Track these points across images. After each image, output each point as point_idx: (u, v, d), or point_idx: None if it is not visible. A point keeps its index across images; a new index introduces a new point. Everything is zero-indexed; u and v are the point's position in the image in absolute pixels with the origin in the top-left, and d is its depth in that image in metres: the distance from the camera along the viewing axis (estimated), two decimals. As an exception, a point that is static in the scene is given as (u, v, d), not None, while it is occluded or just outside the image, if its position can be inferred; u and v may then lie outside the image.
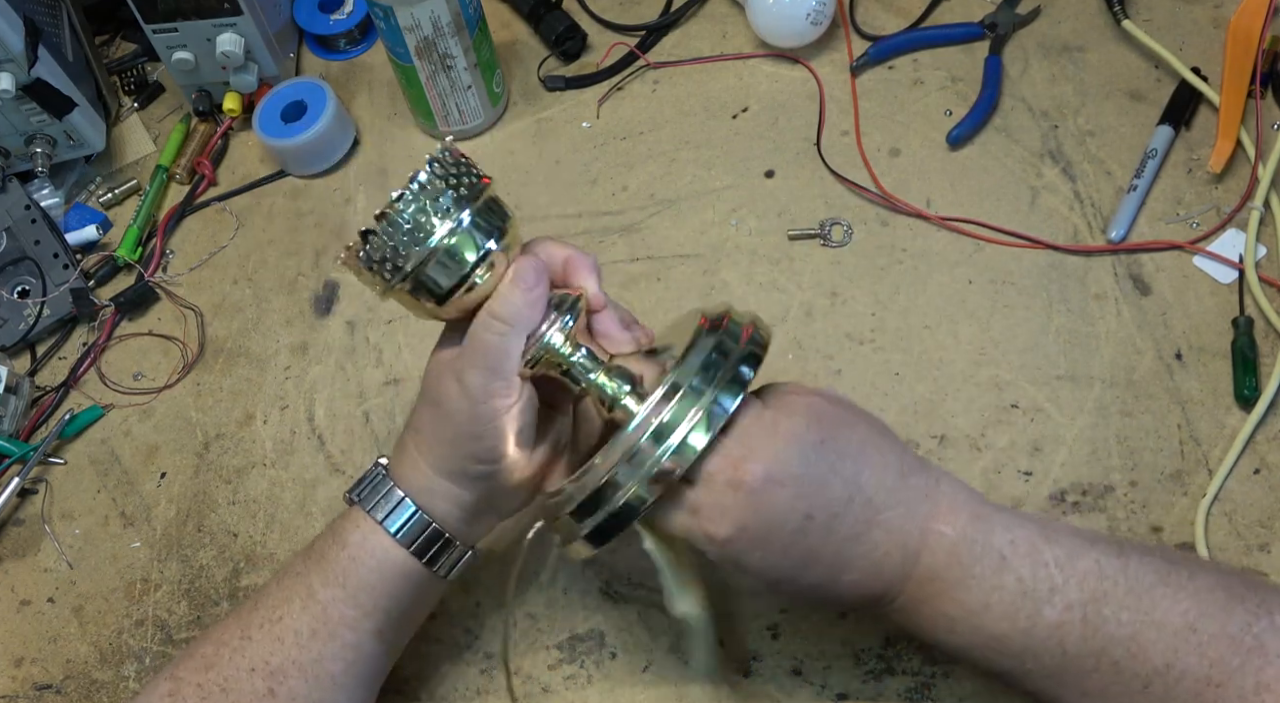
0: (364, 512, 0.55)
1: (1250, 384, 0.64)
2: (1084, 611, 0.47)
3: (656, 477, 0.47)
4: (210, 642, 0.55)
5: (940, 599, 0.48)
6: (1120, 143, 0.74)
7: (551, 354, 0.52)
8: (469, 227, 0.50)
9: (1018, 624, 0.47)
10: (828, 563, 0.48)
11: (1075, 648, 0.47)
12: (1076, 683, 0.47)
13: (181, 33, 0.82)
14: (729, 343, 0.50)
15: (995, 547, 0.48)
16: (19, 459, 0.74)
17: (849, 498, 0.47)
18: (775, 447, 0.47)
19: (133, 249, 0.82)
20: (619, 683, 0.62)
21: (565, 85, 0.84)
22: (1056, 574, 0.47)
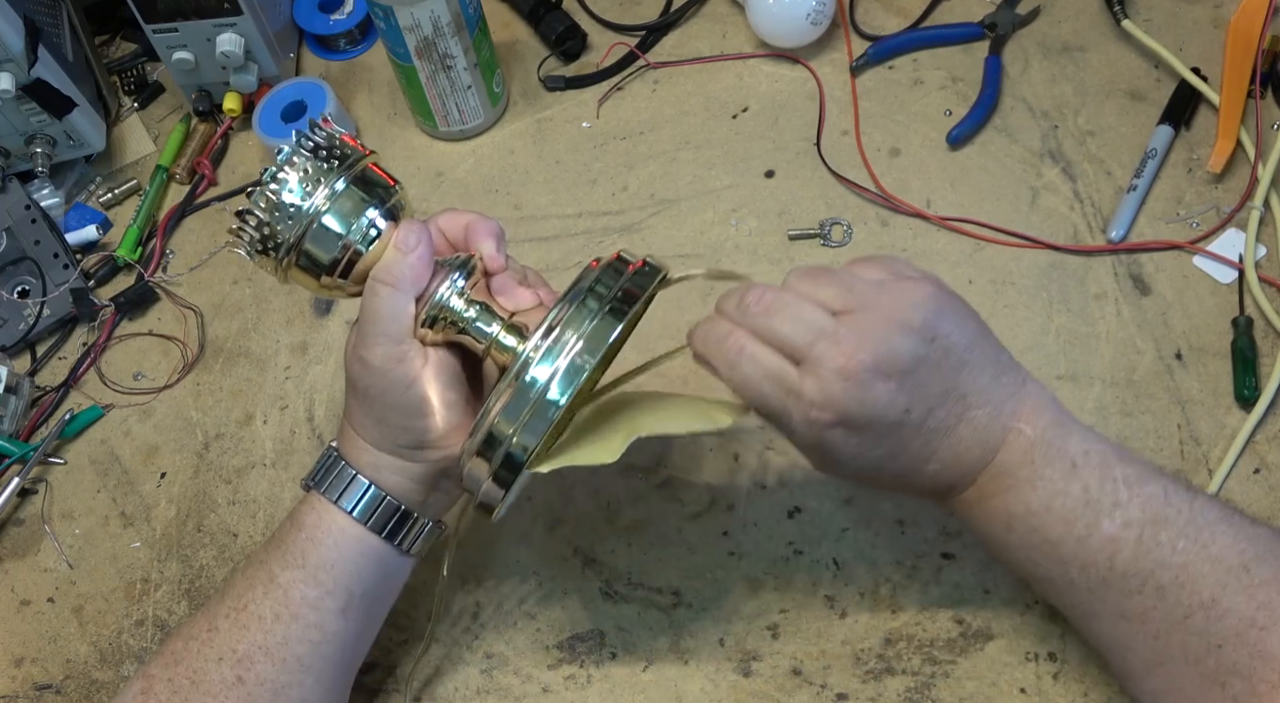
0: (319, 494, 0.55)
1: (1250, 384, 0.64)
2: (1141, 531, 0.47)
3: (543, 406, 0.47)
4: (180, 638, 0.56)
5: (1007, 494, 0.49)
6: (1120, 143, 0.74)
7: (446, 313, 0.52)
8: (343, 194, 0.50)
9: (1074, 531, 0.48)
10: (914, 454, 0.49)
11: (1124, 566, 0.47)
12: (1117, 603, 0.48)
13: (181, 33, 0.82)
14: (614, 273, 0.50)
15: (1069, 453, 0.49)
16: (19, 459, 0.74)
17: (945, 393, 0.48)
18: (887, 339, 0.47)
19: (133, 249, 0.82)
20: (619, 683, 0.62)
21: (565, 85, 0.84)
22: (1123, 491, 0.48)
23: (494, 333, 0.52)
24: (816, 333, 0.47)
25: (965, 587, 0.61)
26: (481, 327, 0.52)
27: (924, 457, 0.49)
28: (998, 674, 0.59)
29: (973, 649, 0.60)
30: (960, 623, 0.61)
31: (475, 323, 0.52)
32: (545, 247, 0.78)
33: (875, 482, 0.51)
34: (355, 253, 0.51)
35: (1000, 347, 0.51)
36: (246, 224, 0.50)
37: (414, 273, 0.51)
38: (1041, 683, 0.58)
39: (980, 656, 0.60)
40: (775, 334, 0.48)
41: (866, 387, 0.46)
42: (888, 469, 0.49)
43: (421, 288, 0.52)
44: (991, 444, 0.49)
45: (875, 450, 0.48)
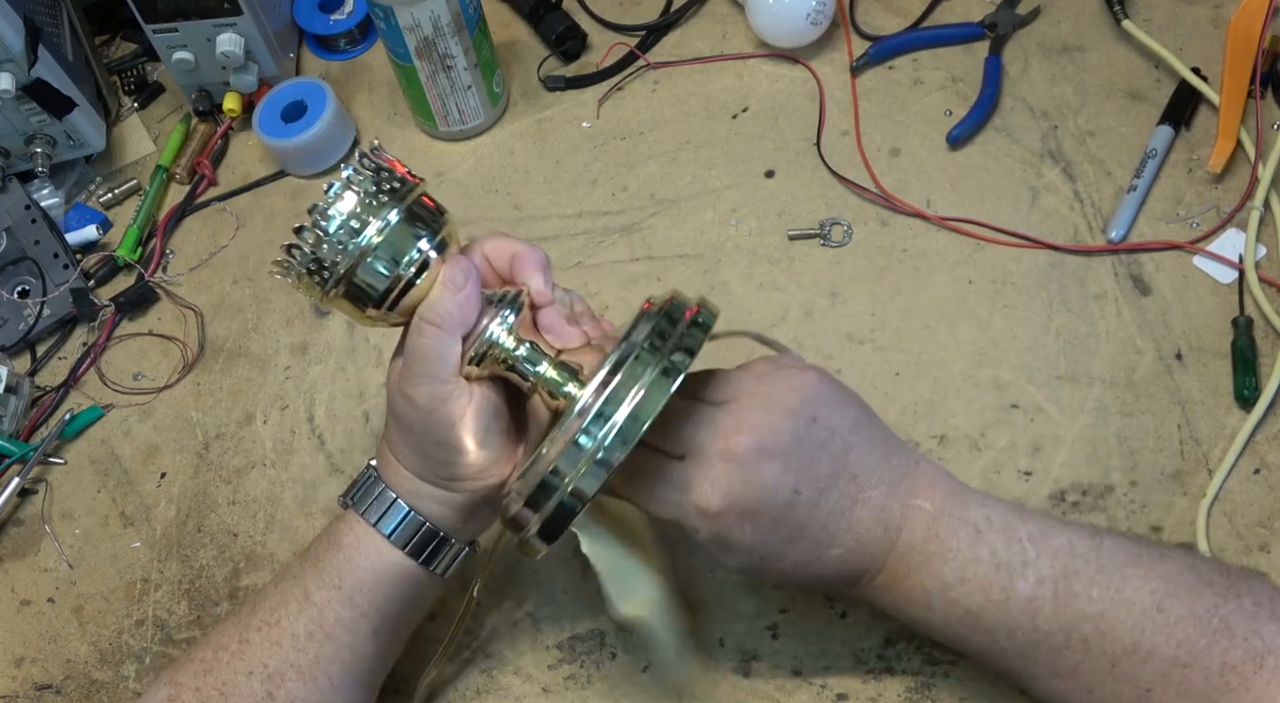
0: (357, 515, 0.55)
1: (1250, 384, 0.64)
2: (1055, 586, 0.48)
3: (600, 461, 0.46)
4: (209, 646, 0.55)
5: (919, 572, 0.49)
6: (1120, 143, 0.74)
7: (494, 350, 0.51)
8: (398, 225, 0.49)
9: (992, 597, 0.48)
10: (813, 539, 0.49)
11: (1047, 623, 0.48)
12: (1049, 662, 0.48)
13: (181, 33, 0.82)
14: (669, 321, 0.49)
15: (971, 521, 0.49)
16: (19, 459, 0.74)
17: (835, 474, 0.48)
18: (768, 420, 0.48)
19: (133, 249, 0.82)
20: (619, 683, 0.62)
21: (565, 85, 0.84)
22: (1029, 549, 0.49)
23: (543, 372, 0.52)
24: (696, 423, 0.48)
25: (965, 587, 0.61)
26: (530, 366, 0.52)
27: (824, 542, 0.49)
28: (998, 675, 0.59)
29: (973, 649, 0.60)
30: (960, 623, 0.61)
31: (525, 361, 0.52)
32: (545, 247, 0.76)
33: (780, 573, 0.50)
34: (406, 285, 0.50)
35: (887, 430, 0.51)
36: (295, 253, 0.49)
37: (462, 313, 0.50)
38: (1041, 683, 0.58)
39: (981, 656, 0.60)
40: (664, 433, 0.49)
41: (751, 467, 0.47)
42: (789, 557, 0.49)
43: (469, 327, 0.51)
44: (893, 524, 0.49)
45: (771, 537, 0.48)
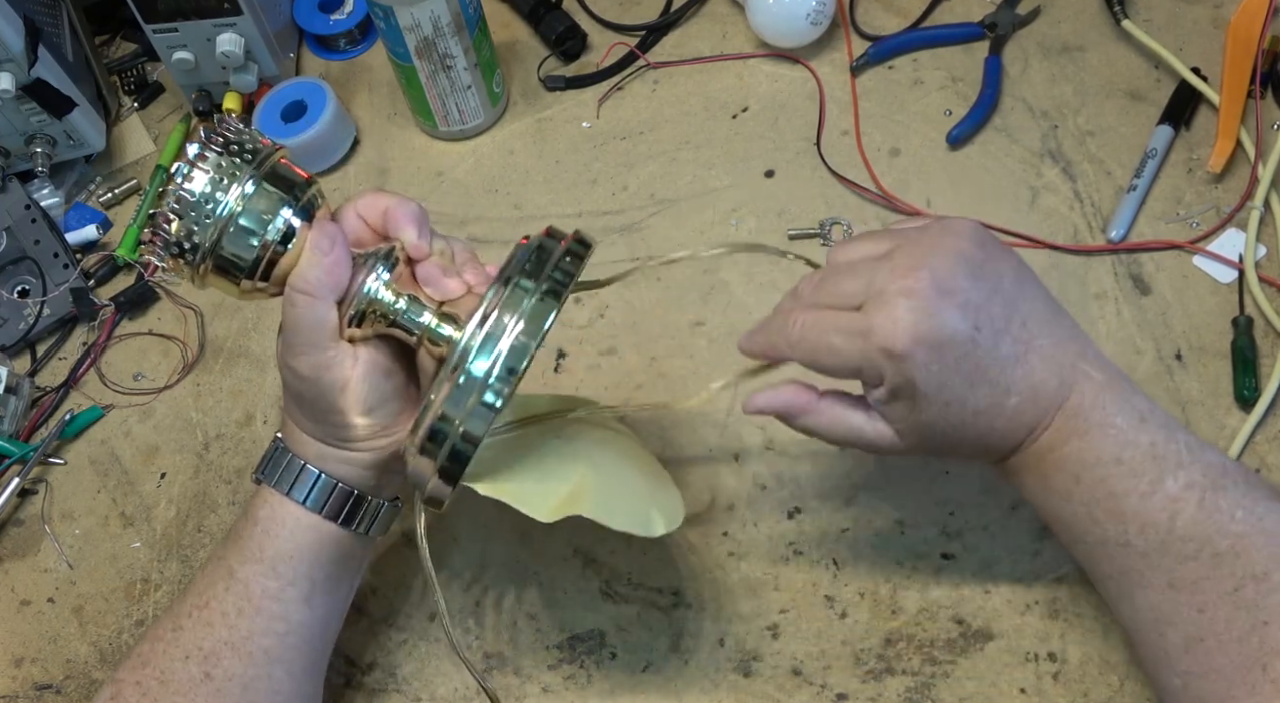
0: (269, 487, 0.55)
1: (1250, 384, 0.64)
2: (1203, 494, 0.47)
3: (485, 401, 0.46)
4: (146, 640, 0.56)
5: (1081, 439, 0.48)
6: (1120, 143, 0.74)
7: (373, 308, 0.51)
8: (256, 194, 0.49)
9: (1139, 485, 0.47)
10: (993, 381, 0.48)
11: (1184, 528, 0.47)
12: (1169, 569, 0.47)
13: (181, 33, 0.82)
14: (542, 254, 0.49)
15: (1136, 407, 0.49)
16: (19, 459, 0.74)
17: (1008, 317, 0.48)
18: (942, 261, 0.48)
19: (133, 249, 0.82)
20: (619, 683, 0.62)
21: (565, 85, 0.84)
22: (1185, 453, 0.48)
23: (426, 323, 0.51)
24: (871, 270, 0.48)
25: (965, 587, 0.61)
26: (412, 318, 0.51)
27: (1003, 386, 0.48)
28: (998, 674, 0.59)
29: (973, 649, 0.60)
30: (960, 623, 0.61)
31: (405, 315, 0.51)
32: (545, 247, 0.77)
33: (962, 426, 0.49)
34: (274, 254, 0.50)
35: (1047, 291, 0.51)
36: (160, 229, 0.49)
37: (332, 278, 0.50)
38: (1041, 683, 0.58)
39: (980, 656, 0.60)
40: (833, 293, 0.49)
41: (933, 304, 0.47)
42: (971, 402, 0.48)
43: (341, 292, 0.51)
44: (1065, 378, 0.49)
45: (955, 377, 0.47)
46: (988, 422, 0.49)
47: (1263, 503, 0.47)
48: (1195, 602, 0.47)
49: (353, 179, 0.84)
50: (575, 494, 0.52)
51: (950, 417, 0.49)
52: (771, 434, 0.67)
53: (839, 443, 0.53)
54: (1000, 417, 0.49)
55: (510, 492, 0.51)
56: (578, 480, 0.53)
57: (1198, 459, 0.48)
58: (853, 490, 0.65)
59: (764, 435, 0.67)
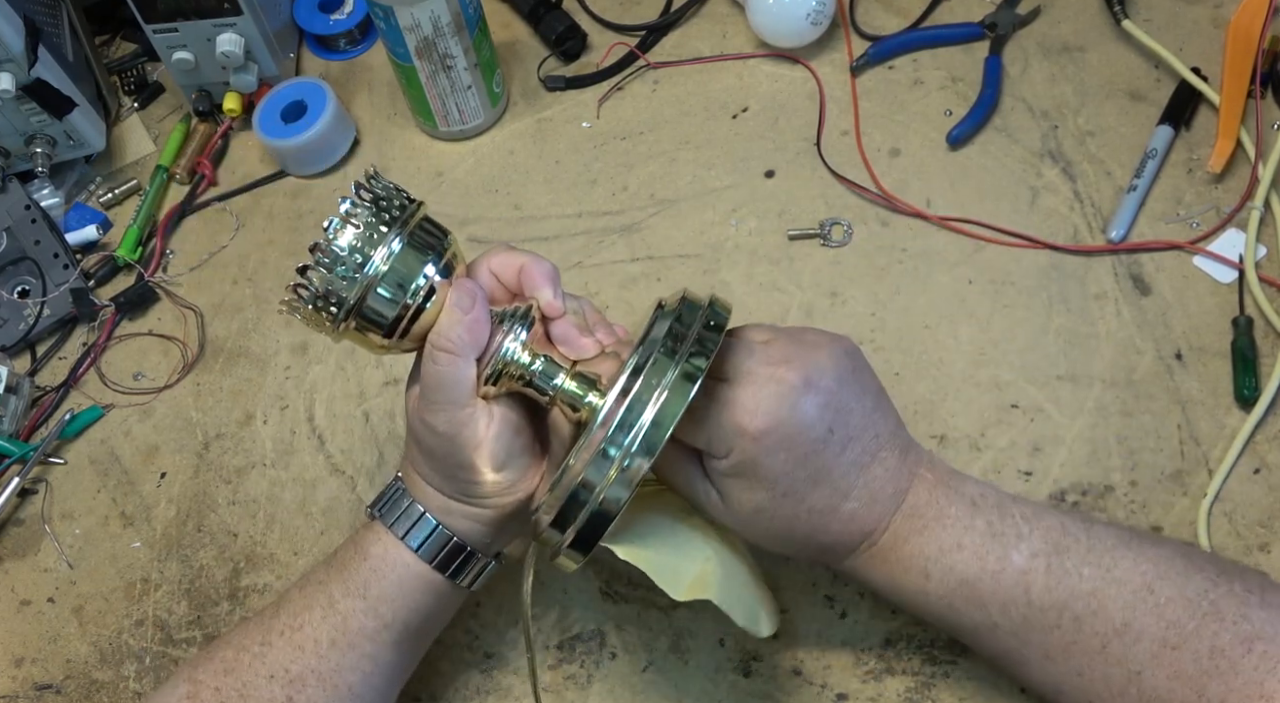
0: (385, 526, 0.55)
1: (1250, 384, 0.64)
2: (1048, 560, 0.49)
3: (626, 469, 0.46)
4: (230, 646, 0.55)
5: (920, 536, 0.50)
6: (1120, 143, 0.74)
7: (509, 368, 0.51)
8: (402, 252, 0.49)
9: (987, 567, 0.49)
10: (833, 486, 0.49)
11: (1040, 598, 0.48)
12: (1041, 642, 0.49)
13: (181, 33, 0.82)
14: (682, 323, 0.49)
15: (967, 494, 0.51)
16: (19, 459, 0.74)
17: (863, 427, 0.50)
18: (816, 359, 0.49)
19: (133, 249, 0.82)
20: (619, 683, 0.62)
21: (565, 85, 0.84)
22: (1023, 525, 0.50)
23: (561, 385, 0.51)
24: (745, 351, 0.49)
25: (965, 587, 0.61)
26: (549, 379, 0.51)
27: (843, 491, 0.50)
28: (997, 674, 0.59)
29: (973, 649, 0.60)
30: (960, 623, 0.61)
31: (542, 376, 0.51)
32: (545, 247, 0.77)
33: (794, 520, 0.50)
34: (415, 312, 0.49)
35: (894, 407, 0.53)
36: (302, 291, 0.49)
37: (473, 336, 0.50)
38: (1041, 683, 0.58)
39: (980, 656, 0.59)
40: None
41: (798, 395, 0.48)
42: (808, 500, 0.49)
43: (481, 349, 0.51)
44: (900, 487, 0.51)
45: (799, 473, 0.48)
46: (822, 522, 0.50)
47: (1108, 554, 0.49)
48: (1072, 668, 0.49)
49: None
50: (704, 577, 0.53)
51: (784, 508, 0.50)
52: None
53: (676, 489, 0.53)
54: (835, 520, 0.50)
55: (648, 561, 0.52)
56: (703, 564, 0.54)
57: (1036, 527, 0.50)
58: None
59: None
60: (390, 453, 0.72)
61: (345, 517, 0.70)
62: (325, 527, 0.70)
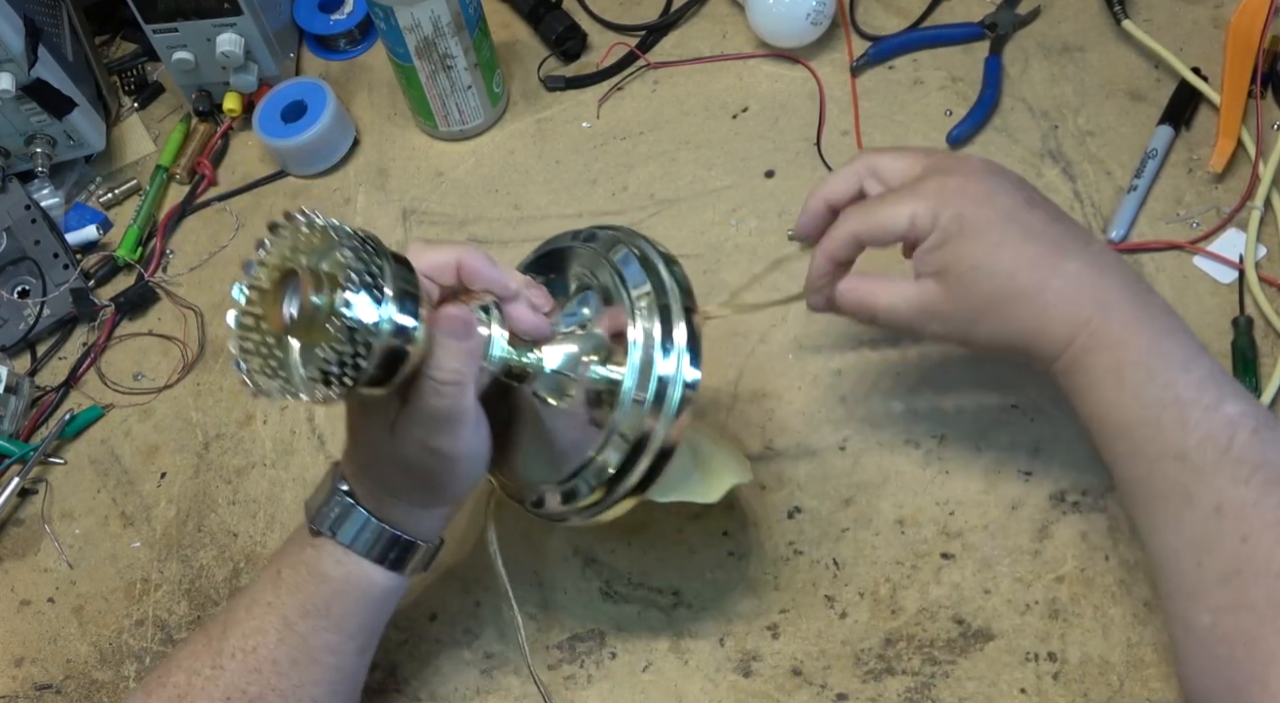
0: (343, 546, 0.53)
1: (1250, 384, 0.64)
2: (1256, 423, 0.48)
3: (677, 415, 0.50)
4: (180, 670, 0.54)
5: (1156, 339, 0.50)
6: (1120, 143, 0.74)
7: (511, 369, 0.52)
8: (399, 300, 0.45)
9: (1204, 399, 0.48)
10: (1051, 241, 0.50)
11: (1240, 450, 0.47)
12: (1221, 489, 0.47)
13: (181, 33, 0.82)
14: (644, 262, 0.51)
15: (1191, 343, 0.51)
16: (19, 459, 0.74)
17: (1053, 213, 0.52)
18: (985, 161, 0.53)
19: (133, 249, 0.82)
20: (619, 683, 0.62)
21: (565, 85, 0.84)
22: (1237, 388, 0.50)
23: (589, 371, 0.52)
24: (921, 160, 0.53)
25: (965, 587, 0.61)
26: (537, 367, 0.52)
27: (1060, 251, 0.50)
28: (998, 674, 0.59)
29: (973, 649, 0.60)
30: (960, 623, 0.61)
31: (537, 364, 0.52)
32: (545, 247, 0.77)
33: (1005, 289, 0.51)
34: (408, 359, 0.46)
35: None
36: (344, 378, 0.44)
37: (475, 362, 0.49)
38: (1041, 683, 0.58)
39: (980, 656, 0.60)
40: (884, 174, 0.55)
41: (984, 172, 0.51)
42: (1022, 257, 0.50)
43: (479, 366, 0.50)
44: (1125, 273, 0.51)
45: (1009, 225, 0.50)
46: (1038, 302, 0.50)
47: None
48: (1240, 529, 0.46)
49: (353, 179, 0.84)
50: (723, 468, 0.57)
51: (999, 266, 0.50)
52: (771, 435, 0.67)
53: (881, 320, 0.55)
54: (1058, 283, 0.50)
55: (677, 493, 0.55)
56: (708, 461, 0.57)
57: (1246, 398, 0.49)
58: (853, 490, 0.65)
59: (763, 436, 0.67)
60: (390, 453, 0.72)
61: (345, 517, 0.70)
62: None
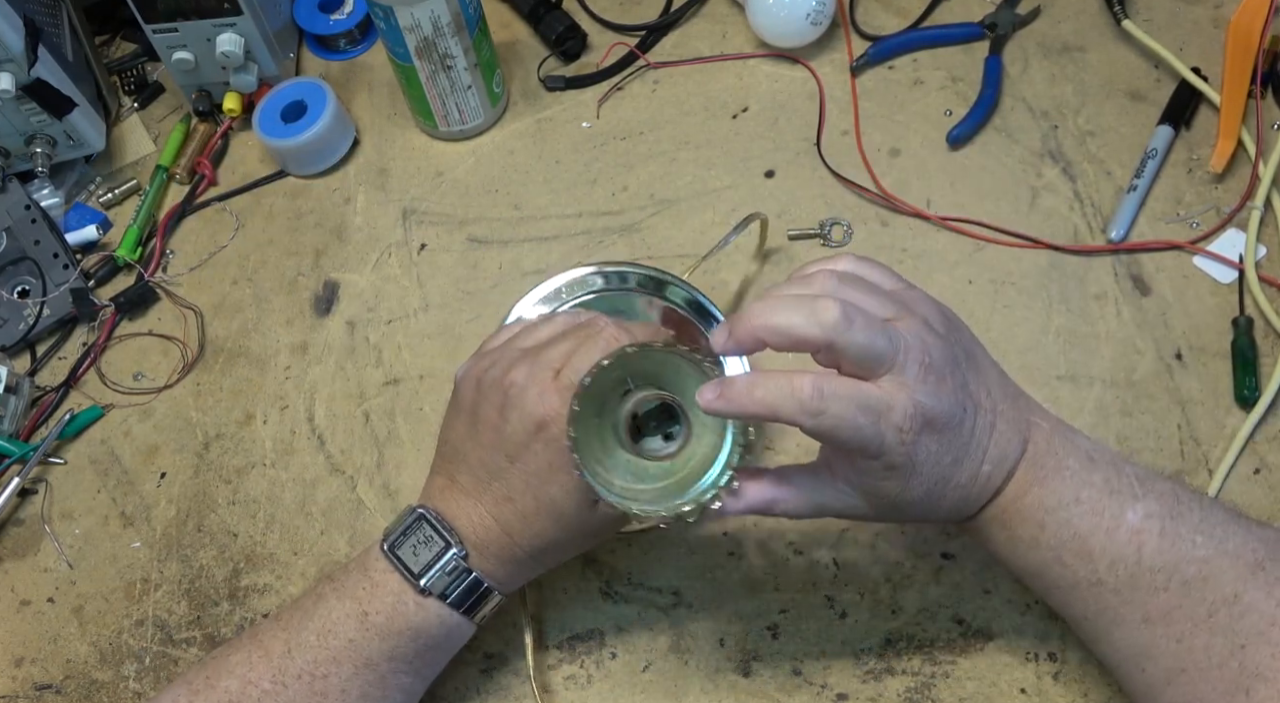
0: (445, 604, 0.54)
1: (1250, 384, 0.64)
2: (1162, 523, 0.48)
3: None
4: (234, 677, 0.54)
5: (1041, 487, 0.49)
6: (1120, 143, 0.74)
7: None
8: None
9: (1102, 522, 0.48)
10: (973, 455, 0.49)
11: (1150, 559, 0.47)
12: (1142, 603, 0.48)
13: (181, 33, 0.82)
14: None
15: (1082, 447, 0.50)
16: (19, 459, 0.74)
17: (982, 392, 0.49)
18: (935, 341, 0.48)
19: (133, 249, 0.82)
20: (619, 683, 0.62)
21: (565, 85, 0.84)
22: (1137, 485, 0.49)
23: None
24: (895, 341, 0.46)
25: (965, 587, 0.61)
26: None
27: (978, 458, 0.49)
28: (998, 674, 0.59)
29: (973, 649, 0.60)
30: (960, 623, 0.61)
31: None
32: (545, 247, 0.77)
33: (939, 500, 0.49)
34: None
35: (983, 347, 0.52)
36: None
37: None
38: (1041, 683, 0.58)
39: (980, 656, 0.60)
40: (865, 348, 0.45)
41: (938, 385, 0.47)
42: (953, 478, 0.49)
43: None
44: (1023, 434, 0.50)
45: (946, 457, 0.48)
46: (964, 493, 0.50)
47: (1220, 526, 0.48)
48: (1172, 633, 0.47)
49: (353, 179, 0.84)
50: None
51: (934, 492, 0.49)
52: (771, 435, 0.67)
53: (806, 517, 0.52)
54: (975, 486, 0.49)
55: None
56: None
57: (1150, 490, 0.49)
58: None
59: (765, 436, 0.67)
60: (390, 453, 0.72)
61: (345, 517, 0.70)
62: (325, 527, 0.70)
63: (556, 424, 0.51)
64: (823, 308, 0.45)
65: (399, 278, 0.78)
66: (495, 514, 0.54)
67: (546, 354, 0.54)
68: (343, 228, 0.82)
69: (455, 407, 0.57)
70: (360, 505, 0.70)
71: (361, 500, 0.71)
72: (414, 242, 0.80)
